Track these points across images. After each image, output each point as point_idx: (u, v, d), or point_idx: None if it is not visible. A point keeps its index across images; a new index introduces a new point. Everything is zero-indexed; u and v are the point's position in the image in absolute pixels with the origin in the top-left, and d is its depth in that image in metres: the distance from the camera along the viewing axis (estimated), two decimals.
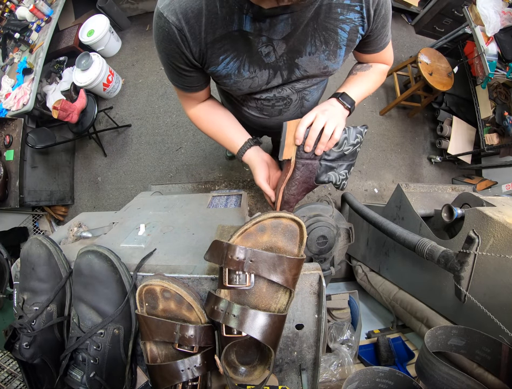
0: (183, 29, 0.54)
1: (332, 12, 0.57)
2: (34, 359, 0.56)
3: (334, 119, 0.62)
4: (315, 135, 0.60)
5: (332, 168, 0.67)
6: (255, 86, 0.68)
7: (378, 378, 0.62)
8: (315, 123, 0.61)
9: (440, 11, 2.57)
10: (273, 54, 0.61)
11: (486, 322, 0.66)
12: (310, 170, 0.65)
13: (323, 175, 0.67)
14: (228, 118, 0.80)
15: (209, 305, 0.50)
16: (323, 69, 0.67)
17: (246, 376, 0.53)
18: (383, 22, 0.63)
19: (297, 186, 0.66)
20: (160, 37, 0.57)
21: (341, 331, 1.06)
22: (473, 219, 0.84)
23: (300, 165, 0.63)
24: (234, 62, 0.61)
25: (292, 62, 0.64)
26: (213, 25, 0.55)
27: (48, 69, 2.42)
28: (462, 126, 2.39)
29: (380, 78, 0.79)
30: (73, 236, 0.74)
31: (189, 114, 0.81)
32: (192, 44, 0.57)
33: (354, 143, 0.66)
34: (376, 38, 0.67)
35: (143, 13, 2.95)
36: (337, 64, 0.67)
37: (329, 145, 0.63)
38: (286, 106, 0.79)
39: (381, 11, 0.61)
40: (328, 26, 0.59)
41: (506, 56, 1.90)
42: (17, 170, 1.93)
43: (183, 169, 2.45)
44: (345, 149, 0.65)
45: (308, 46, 0.61)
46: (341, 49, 0.64)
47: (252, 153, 0.76)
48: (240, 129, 0.79)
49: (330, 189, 2.35)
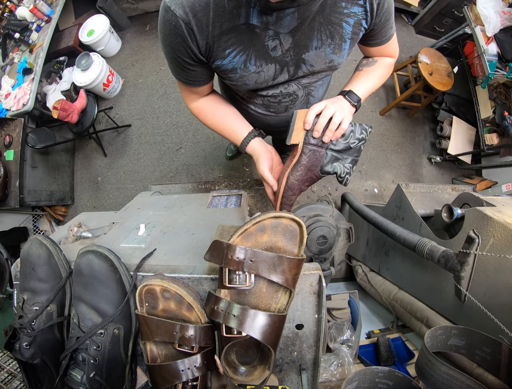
0: (190, 22, 0.54)
1: (337, 6, 0.59)
2: (34, 359, 0.56)
3: (342, 110, 0.65)
4: (324, 121, 0.63)
5: (338, 159, 0.68)
6: (261, 81, 0.68)
7: (377, 378, 0.62)
8: (325, 111, 0.63)
9: (440, 11, 2.57)
10: (280, 48, 0.62)
11: (486, 322, 0.66)
12: (317, 157, 0.66)
13: (328, 165, 0.68)
14: (231, 110, 0.80)
15: (209, 305, 0.50)
16: (329, 63, 0.68)
17: (246, 376, 0.53)
18: (386, 15, 0.65)
19: (302, 171, 0.66)
20: (166, 30, 0.57)
21: (341, 331, 1.06)
22: (473, 219, 0.84)
23: (307, 150, 0.65)
24: (240, 56, 0.62)
25: (299, 58, 0.65)
26: (220, 18, 0.55)
27: (48, 69, 2.42)
28: (462, 126, 2.39)
29: (387, 72, 0.80)
30: (73, 236, 0.74)
31: (191, 107, 0.81)
32: (199, 38, 0.57)
33: (359, 138, 0.68)
34: (380, 30, 0.69)
35: (143, 13, 2.95)
36: (342, 57, 0.68)
37: (336, 134, 0.65)
38: (292, 102, 0.80)
39: (384, 5, 0.62)
40: (333, 20, 0.60)
41: (506, 57, 1.90)
42: (17, 170, 1.93)
43: (183, 169, 2.45)
44: (351, 142, 0.68)
45: (314, 40, 0.62)
46: (345, 43, 0.65)
47: (256, 143, 0.76)
48: (243, 121, 0.79)
49: (330, 189, 2.36)
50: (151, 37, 2.86)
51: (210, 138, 2.47)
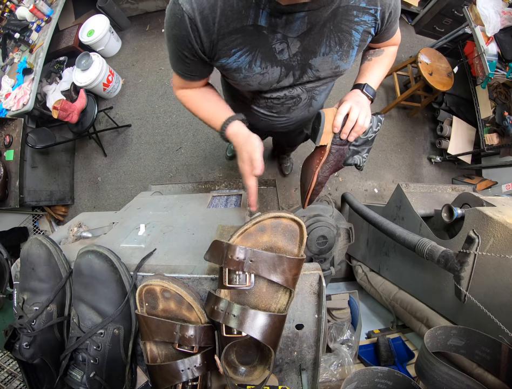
0: (195, 19, 0.55)
1: (348, 14, 0.59)
2: (34, 359, 0.56)
3: (365, 110, 0.67)
4: (351, 125, 0.67)
5: (357, 152, 0.76)
6: (265, 83, 0.68)
7: (377, 378, 0.62)
8: (352, 114, 0.66)
9: (440, 11, 2.57)
10: (287, 51, 0.62)
11: (486, 322, 0.66)
12: (341, 154, 0.74)
13: (350, 159, 0.76)
14: (217, 98, 0.78)
15: (209, 305, 0.50)
16: (335, 69, 0.69)
17: (246, 376, 0.53)
18: (394, 19, 0.67)
19: (329, 168, 0.75)
20: (171, 23, 0.58)
21: (341, 331, 1.06)
22: (473, 219, 0.84)
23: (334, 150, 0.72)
24: (246, 56, 0.61)
25: (306, 63, 0.65)
26: (227, 17, 0.55)
27: (48, 69, 2.41)
28: (462, 126, 2.39)
29: (392, 60, 0.83)
30: (73, 236, 0.74)
31: (177, 93, 0.79)
32: (203, 35, 0.57)
33: (376, 131, 0.75)
34: (387, 31, 0.70)
35: (143, 13, 2.95)
36: (348, 64, 0.69)
37: (359, 133, 0.69)
38: (295, 104, 0.80)
39: (395, 13, 0.64)
40: (343, 28, 0.60)
41: (506, 56, 1.90)
42: (17, 170, 1.93)
43: (183, 169, 2.45)
44: (369, 136, 0.74)
45: (322, 46, 0.62)
46: (353, 50, 0.66)
47: (239, 125, 0.71)
48: (227, 107, 0.76)
49: (330, 189, 2.36)
50: (151, 37, 2.86)
51: (210, 138, 2.47)
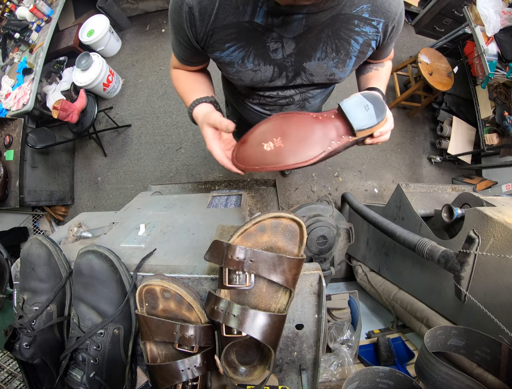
0: (193, 7, 0.55)
1: (349, 22, 0.58)
2: (34, 359, 0.56)
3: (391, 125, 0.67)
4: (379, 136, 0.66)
5: None
6: (257, 80, 0.68)
7: (378, 378, 0.62)
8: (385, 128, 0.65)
9: (440, 11, 2.57)
10: (281, 51, 0.62)
11: (486, 322, 0.66)
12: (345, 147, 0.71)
13: None
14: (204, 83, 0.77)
15: (209, 305, 0.50)
16: (330, 76, 0.68)
17: (246, 376, 0.53)
18: (396, 34, 0.66)
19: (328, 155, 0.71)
20: (172, 6, 0.58)
21: (341, 331, 1.06)
22: (473, 219, 0.84)
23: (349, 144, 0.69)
24: (239, 52, 0.62)
25: (300, 65, 0.65)
26: (225, 11, 0.55)
27: (48, 69, 2.41)
28: (462, 126, 2.39)
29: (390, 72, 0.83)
30: (73, 236, 0.74)
31: (171, 71, 0.79)
32: (198, 24, 0.57)
33: None
34: (387, 47, 0.69)
35: (143, 13, 2.95)
36: (344, 73, 0.68)
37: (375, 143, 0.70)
38: (287, 105, 0.80)
39: (397, 28, 0.63)
40: (342, 36, 0.60)
41: (506, 56, 1.90)
42: (17, 170, 1.92)
43: (183, 169, 2.45)
44: None
45: (318, 51, 0.62)
46: (350, 60, 0.65)
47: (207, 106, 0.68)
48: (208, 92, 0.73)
49: (330, 189, 2.36)
50: (151, 37, 2.86)
51: None
